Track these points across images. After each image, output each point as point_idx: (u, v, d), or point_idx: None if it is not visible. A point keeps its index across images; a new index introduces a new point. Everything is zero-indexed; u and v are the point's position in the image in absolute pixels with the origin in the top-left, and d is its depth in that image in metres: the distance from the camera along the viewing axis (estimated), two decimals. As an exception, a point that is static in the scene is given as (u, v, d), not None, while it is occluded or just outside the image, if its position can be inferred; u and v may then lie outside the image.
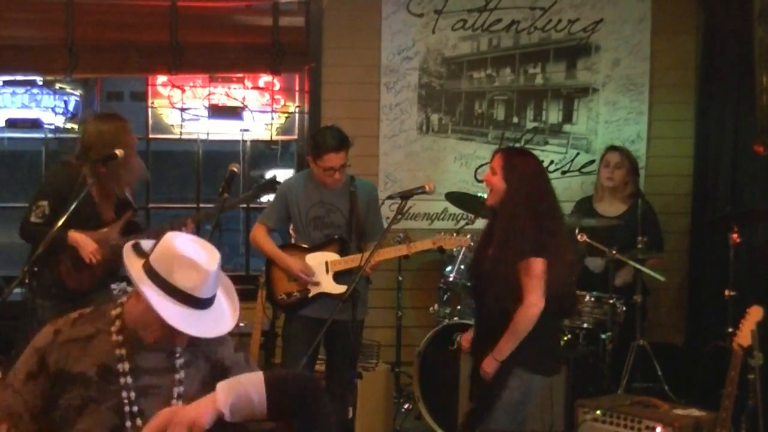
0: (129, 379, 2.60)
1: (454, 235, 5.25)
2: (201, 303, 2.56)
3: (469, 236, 5.39)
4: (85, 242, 4.65)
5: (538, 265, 4.05)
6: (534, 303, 4.04)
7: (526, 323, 4.05)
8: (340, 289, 4.93)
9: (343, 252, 5.05)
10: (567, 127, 6.76)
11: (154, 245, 2.60)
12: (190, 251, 2.56)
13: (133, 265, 2.59)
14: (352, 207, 5.05)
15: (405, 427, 5.92)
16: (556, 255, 4.11)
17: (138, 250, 2.63)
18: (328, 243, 5.07)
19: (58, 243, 4.52)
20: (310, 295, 5.04)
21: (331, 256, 5.05)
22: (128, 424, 2.58)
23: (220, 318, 2.65)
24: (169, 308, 2.52)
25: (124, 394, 2.59)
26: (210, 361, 2.73)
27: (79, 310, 2.72)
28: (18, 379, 2.60)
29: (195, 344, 2.67)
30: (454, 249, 5.72)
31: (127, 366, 2.61)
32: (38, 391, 2.59)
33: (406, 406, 6.08)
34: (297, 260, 5.04)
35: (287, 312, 5.16)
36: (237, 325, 2.82)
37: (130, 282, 2.62)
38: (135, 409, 2.59)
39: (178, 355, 2.67)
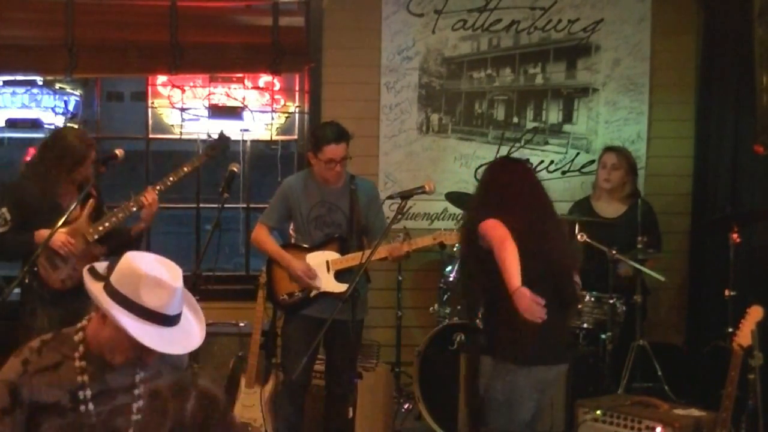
0: (90, 406, 2.63)
1: (455, 231, 5.24)
2: (170, 320, 2.60)
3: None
4: (54, 236, 4.58)
5: (489, 222, 4.10)
6: (498, 240, 4.03)
7: (506, 253, 4.01)
8: (342, 288, 4.91)
9: (343, 251, 5.05)
10: (567, 127, 6.76)
11: (111, 267, 2.62)
12: (155, 270, 2.58)
13: (95, 288, 2.61)
14: (352, 206, 5.05)
15: (405, 427, 5.92)
16: (517, 217, 4.14)
17: (95, 274, 2.65)
18: (329, 242, 5.07)
19: (28, 248, 4.53)
20: (312, 294, 5.04)
21: (332, 255, 5.05)
22: None
23: (189, 333, 2.69)
24: (140, 328, 2.54)
25: (94, 420, 2.63)
26: (178, 370, 2.79)
27: (40, 338, 2.72)
28: None
29: (161, 356, 2.69)
30: (455, 246, 5.72)
31: (89, 393, 2.64)
32: (16, 427, 2.59)
33: (406, 406, 6.08)
34: (299, 261, 5.03)
35: (288, 312, 5.15)
36: (237, 325, 2.87)
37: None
38: (112, 428, 2.63)
39: (138, 371, 2.71)
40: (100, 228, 4.72)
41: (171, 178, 4.88)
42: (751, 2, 5.85)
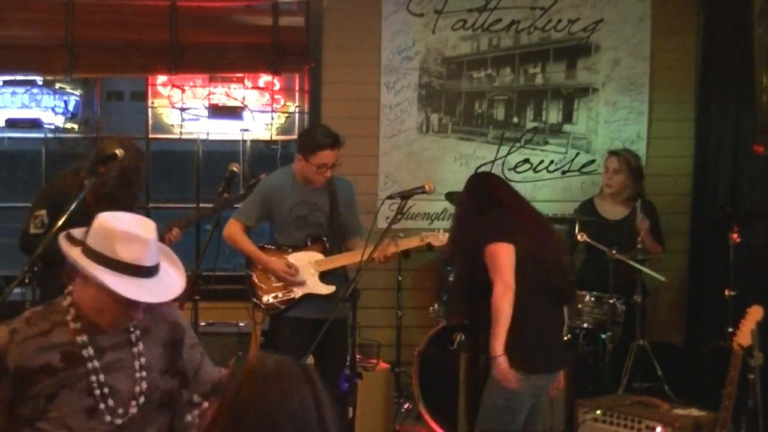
0: (96, 363, 2.70)
1: (442, 231, 5.22)
2: (148, 271, 2.67)
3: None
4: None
5: (501, 249, 4.09)
6: (500, 288, 4.04)
7: (500, 311, 4.03)
8: (328, 289, 4.96)
9: (326, 252, 5.04)
10: (567, 127, 6.76)
11: (87, 230, 2.70)
12: (126, 225, 2.67)
13: (73, 252, 2.68)
14: (333, 206, 5.05)
15: (405, 427, 5.92)
16: (522, 232, 4.16)
17: (72, 239, 2.72)
18: (312, 243, 5.05)
19: (53, 249, 4.48)
20: (297, 296, 5.01)
21: (316, 256, 5.03)
22: (101, 406, 2.69)
23: (171, 282, 2.77)
24: (120, 282, 2.61)
25: (93, 378, 2.69)
26: (167, 322, 2.86)
27: (31, 309, 2.80)
28: None
29: (151, 310, 2.78)
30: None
31: (91, 351, 2.70)
32: (2, 392, 2.64)
33: (406, 406, 6.08)
34: (278, 260, 5.01)
35: (273, 315, 5.10)
36: (237, 325, 2.93)
37: None
38: (106, 390, 2.70)
39: (132, 328, 2.77)
40: None
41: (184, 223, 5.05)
42: (751, 2, 5.85)
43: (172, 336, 2.86)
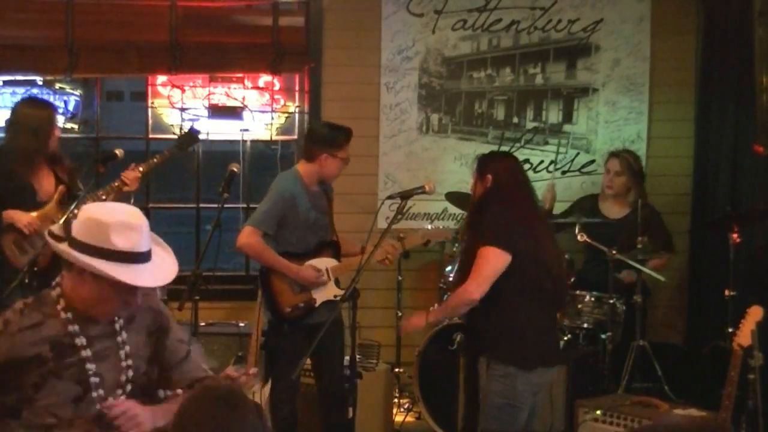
0: (88, 351, 2.73)
1: (439, 227, 5.24)
2: (144, 257, 2.71)
3: (452, 228, 5.39)
4: (19, 215, 4.66)
5: (491, 252, 4.10)
6: (469, 290, 4.11)
7: (455, 302, 4.20)
8: (341, 292, 4.93)
9: (337, 256, 5.02)
10: (567, 127, 6.76)
11: (68, 225, 2.73)
12: (118, 214, 2.70)
13: (64, 248, 2.70)
14: (330, 207, 5.07)
15: (405, 427, 5.92)
16: (520, 232, 4.17)
17: (56, 237, 2.74)
18: (323, 248, 4.99)
19: None
20: (317, 304, 4.94)
21: (330, 261, 4.98)
22: (93, 395, 2.73)
23: (163, 265, 2.80)
24: (122, 271, 2.64)
25: (89, 365, 2.72)
26: (151, 310, 2.90)
27: (22, 300, 2.81)
28: None
29: (127, 304, 2.80)
30: (455, 246, 5.74)
31: (83, 339, 2.73)
32: None
33: (406, 406, 6.08)
34: (308, 268, 4.90)
35: (290, 324, 4.95)
36: (237, 325, 2.98)
37: None
38: (94, 380, 2.74)
39: (117, 318, 2.81)
40: (70, 215, 4.73)
41: (141, 168, 4.89)
42: (751, 2, 5.85)
43: (156, 324, 2.90)
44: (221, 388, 2.25)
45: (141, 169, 4.87)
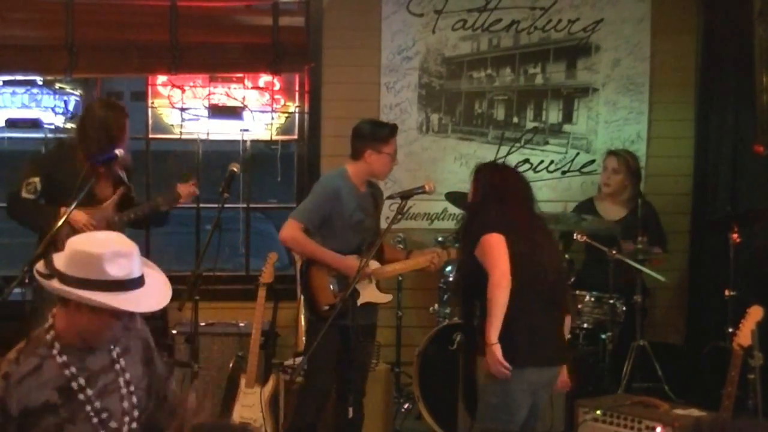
0: (89, 392, 2.73)
1: (441, 249, 5.16)
2: (139, 281, 2.73)
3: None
4: (77, 214, 4.64)
5: (493, 239, 4.13)
6: (494, 282, 4.08)
7: (494, 303, 4.07)
8: (385, 297, 4.98)
9: (381, 259, 4.96)
10: (567, 127, 6.75)
11: (50, 262, 2.71)
12: (107, 244, 2.70)
13: (56, 285, 2.68)
14: (377, 211, 5.04)
15: (405, 427, 5.92)
16: (516, 231, 4.20)
17: (44, 275, 2.73)
18: (367, 249, 4.83)
19: (50, 220, 4.58)
20: (359, 303, 4.81)
21: (372, 263, 4.86)
22: (106, 422, 2.74)
23: (158, 286, 2.82)
24: (121, 300, 2.65)
25: (89, 407, 2.72)
26: (141, 339, 2.93)
27: (14, 348, 2.79)
28: None
29: (127, 329, 2.84)
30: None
31: (82, 381, 2.72)
32: None
33: (406, 406, 6.08)
34: (350, 258, 4.81)
35: (325, 322, 4.70)
36: (237, 325, 3.00)
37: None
38: (104, 415, 2.74)
39: (113, 347, 2.82)
40: (125, 218, 4.77)
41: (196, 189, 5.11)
42: (751, 2, 5.85)
43: (145, 354, 2.93)
44: (206, 423, 2.22)
45: (196, 189, 5.10)
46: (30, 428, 2.65)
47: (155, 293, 2.77)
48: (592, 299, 5.65)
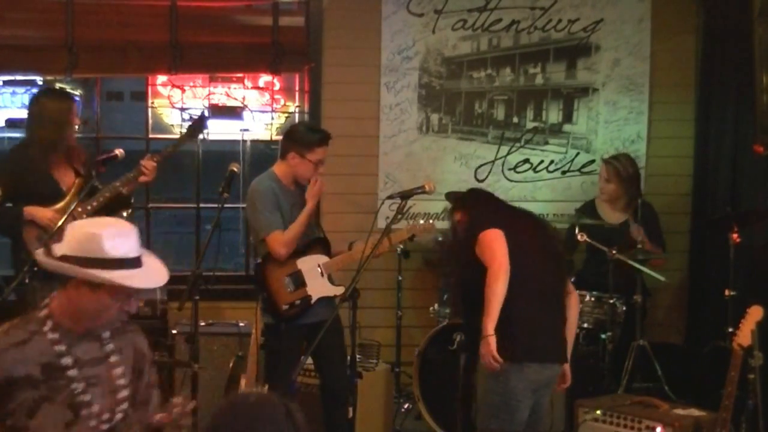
0: (75, 371, 2.76)
1: (421, 222, 5.25)
2: (137, 261, 2.80)
3: (432, 221, 5.38)
4: (39, 211, 4.68)
5: (492, 234, 4.19)
6: (493, 274, 4.10)
7: (495, 289, 4.07)
8: (338, 290, 4.92)
9: (328, 252, 5.01)
10: (567, 127, 6.76)
11: (49, 245, 2.78)
12: (107, 225, 2.79)
13: (57, 264, 2.75)
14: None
15: (405, 427, 5.92)
16: (514, 229, 4.25)
17: (48, 255, 2.78)
18: (312, 245, 4.97)
19: (16, 220, 4.59)
20: (313, 300, 4.93)
21: (321, 258, 4.97)
22: (87, 419, 2.76)
23: (156, 267, 2.89)
24: (124, 277, 2.72)
25: (74, 385, 2.75)
26: (135, 350, 2.96)
27: (7, 323, 2.84)
28: None
29: (122, 333, 2.90)
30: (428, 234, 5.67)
31: (70, 360, 2.76)
32: None
33: (406, 406, 6.08)
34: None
35: (287, 322, 4.92)
36: (237, 325, 3.03)
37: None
38: (86, 398, 2.76)
39: (107, 342, 2.87)
40: (89, 207, 4.74)
41: (157, 158, 4.91)
42: (751, 2, 5.85)
43: (137, 365, 2.95)
44: (249, 397, 2.22)
45: (156, 158, 4.89)
46: (8, 400, 2.68)
47: (153, 273, 2.84)
48: (592, 299, 5.65)
